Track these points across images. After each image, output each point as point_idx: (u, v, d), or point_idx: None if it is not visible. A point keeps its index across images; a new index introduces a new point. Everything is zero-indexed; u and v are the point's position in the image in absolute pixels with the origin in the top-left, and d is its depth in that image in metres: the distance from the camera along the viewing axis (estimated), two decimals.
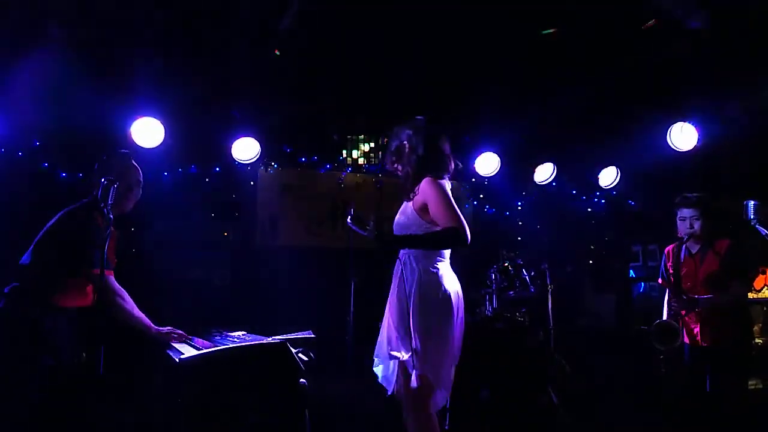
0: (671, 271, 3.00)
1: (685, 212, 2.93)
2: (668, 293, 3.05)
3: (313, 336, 2.25)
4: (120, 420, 2.78)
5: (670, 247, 3.10)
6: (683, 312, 2.84)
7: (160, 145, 4.03)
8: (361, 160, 4.97)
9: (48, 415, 2.04)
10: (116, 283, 2.23)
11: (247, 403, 2.26)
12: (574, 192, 5.61)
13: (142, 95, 3.93)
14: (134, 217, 4.11)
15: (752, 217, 2.66)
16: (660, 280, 3.15)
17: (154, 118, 3.97)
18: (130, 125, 3.93)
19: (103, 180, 2.00)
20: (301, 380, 2.23)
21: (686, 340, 2.91)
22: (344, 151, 4.93)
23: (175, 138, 4.14)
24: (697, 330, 2.87)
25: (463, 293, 4.30)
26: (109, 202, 1.99)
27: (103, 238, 2.12)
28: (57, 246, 2.16)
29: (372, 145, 5.00)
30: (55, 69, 3.45)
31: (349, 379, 3.84)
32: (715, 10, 3.05)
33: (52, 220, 2.22)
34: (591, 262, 5.01)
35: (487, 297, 3.70)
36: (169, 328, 2.37)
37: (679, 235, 3.01)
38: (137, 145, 3.93)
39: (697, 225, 2.91)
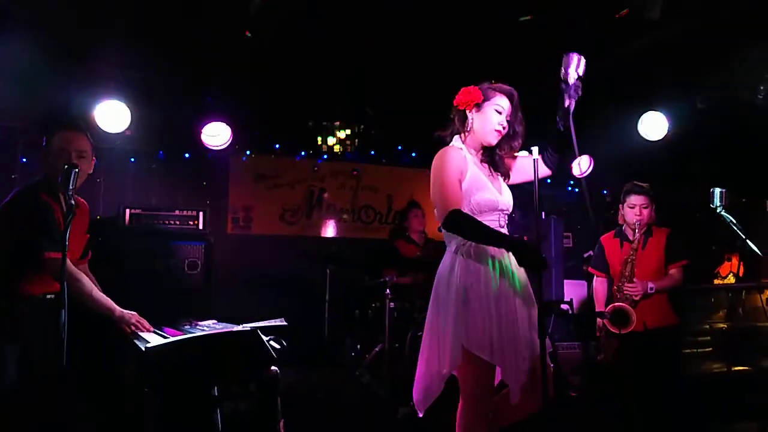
0: (615, 260, 3.06)
1: (635, 200, 3.01)
2: (600, 282, 3.16)
3: (285, 324, 2.21)
4: (86, 411, 2.71)
5: (607, 236, 3.19)
6: (638, 297, 2.92)
7: (127, 129, 3.91)
8: (336, 148, 4.92)
9: (17, 407, 1.98)
10: (73, 266, 2.13)
11: (217, 392, 2.22)
12: (549, 181, 5.69)
13: (106, 77, 3.80)
14: (100, 205, 4.05)
15: (718, 204, 2.73)
16: (591, 269, 3.22)
17: (120, 101, 3.84)
18: (94, 108, 3.80)
19: (65, 166, 1.91)
20: (273, 368, 2.20)
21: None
22: (320, 138, 4.87)
23: (142, 122, 4.02)
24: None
25: None
26: (70, 188, 1.91)
27: (55, 219, 2.05)
28: (8, 232, 2.06)
29: (348, 132, 4.95)
30: (16, 50, 3.30)
31: (323, 367, 3.83)
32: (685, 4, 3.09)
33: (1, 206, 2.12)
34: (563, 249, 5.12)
35: None
36: (134, 314, 2.26)
37: (625, 221, 3.09)
38: (101, 129, 3.81)
39: (645, 213, 3.00)
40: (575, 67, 1.87)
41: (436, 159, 1.98)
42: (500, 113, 2.00)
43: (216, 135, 4.27)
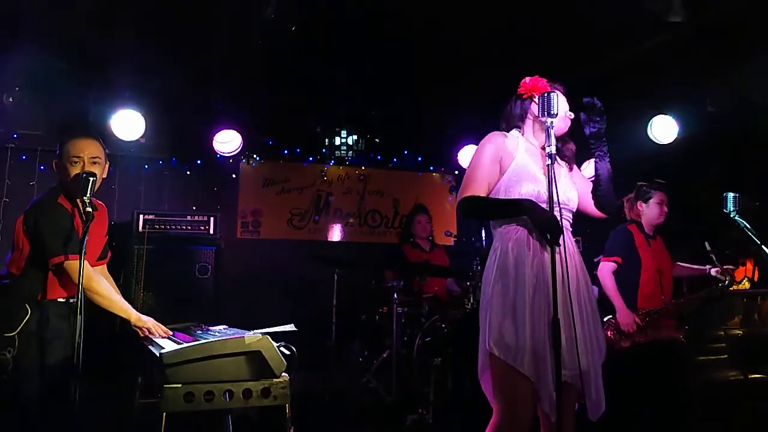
0: (647, 254, 3.03)
1: (662, 197, 3.01)
2: (610, 269, 2.99)
3: (295, 329, 2.23)
4: (101, 415, 2.76)
5: (632, 226, 3.10)
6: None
7: (141, 137, 3.99)
8: (344, 153, 4.95)
9: (37, 411, 2.03)
10: (92, 269, 2.18)
11: (228, 397, 2.24)
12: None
13: (122, 87, 3.88)
14: (115, 210, 4.12)
15: (732, 209, 2.69)
16: (617, 258, 3.04)
17: (135, 110, 3.92)
18: (111, 117, 3.88)
19: (83, 174, 1.99)
20: (283, 374, 2.22)
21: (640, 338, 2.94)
22: (327, 143, 4.91)
23: (156, 130, 4.09)
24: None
25: (449, 286, 4.30)
26: (88, 194, 1.96)
27: (73, 225, 2.10)
28: (29, 238, 2.12)
29: (355, 137, 4.98)
30: (33, 61, 3.38)
31: (331, 372, 3.85)
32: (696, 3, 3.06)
33: (23, 213, 2.18)
34: None
35: (471, 289, 3.72)
36: (151, 319, 2.31)
37: (644, 218, 3.06)
38: (117, 137, 3.89)
39: (666, 210, 2.98)
40: (548, 108, 1.78)
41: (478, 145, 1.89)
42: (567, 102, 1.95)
43: (227, 142, 4.34)
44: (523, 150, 1.88)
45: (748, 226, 2.66)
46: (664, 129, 4.34)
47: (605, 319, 2.97)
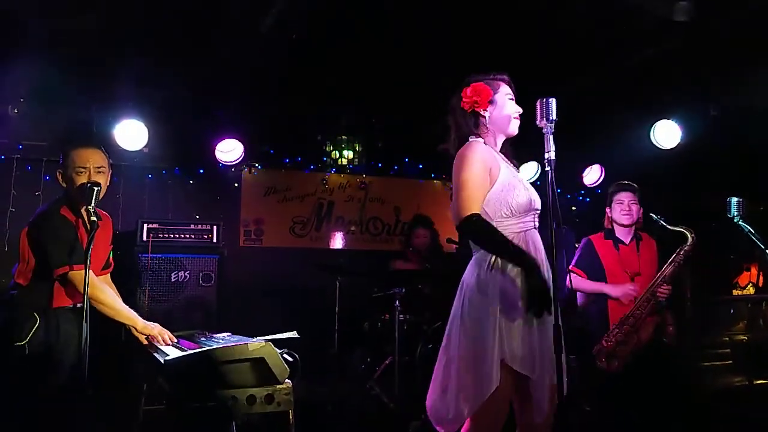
0: (612, 261, 2.98)
1: (623, 196, 2.99)
2: (581, 282, 2.98)
3: (297, 336, 2.24)
4: (106, 422, 2.76)
5: (596, 237, 3.07)
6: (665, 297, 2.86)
7: (144, 147, 4.02)
8: (345, 161, 4.98)
9: (42, 420, 2.04)
10: (96, 278, 2.19)
11: (232, 404, 2.24)
12: (559, 191, 5.63)
13: (125, 98, 3.92)
14: (119, 220, 4.14)
15: (735, 213, 2.68)
16: (578, 269, 3.03)
17: (138, 120, 3.95)
18: (114, 127, 3.91)
19: (88, 184, 2.01)
20: (286, 381, 2.22)
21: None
22: (328, 152, 4.93)
23: (159, 140, 4.13)
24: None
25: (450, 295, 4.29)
26: (92, 204, 1.98)
27: (76, 235, 2.12)
28: (33, 249, 2.14)
29: (355, 145, 5.01)
30: (37, 72, 3.42)
31: (334, 379, 3.84)
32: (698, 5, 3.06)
33: (27, 225, 2.20)
34: None
35: None
36: (157, 325, 2.31)
37: (613, 222, 3.03)
38: (121, 147, 3.92)
39: (634, 208, 2.96)
40: (547, 114, 1.75)
41: (459, 155, 1.79)
42: (513, 100, 1.92)
43: (229, 151, 4.37)
44: (500, 158, 1.86)
45: (751, 230, 2.64)
46: (667, 134, 4.35)
47: (594, 350, 2.92)
